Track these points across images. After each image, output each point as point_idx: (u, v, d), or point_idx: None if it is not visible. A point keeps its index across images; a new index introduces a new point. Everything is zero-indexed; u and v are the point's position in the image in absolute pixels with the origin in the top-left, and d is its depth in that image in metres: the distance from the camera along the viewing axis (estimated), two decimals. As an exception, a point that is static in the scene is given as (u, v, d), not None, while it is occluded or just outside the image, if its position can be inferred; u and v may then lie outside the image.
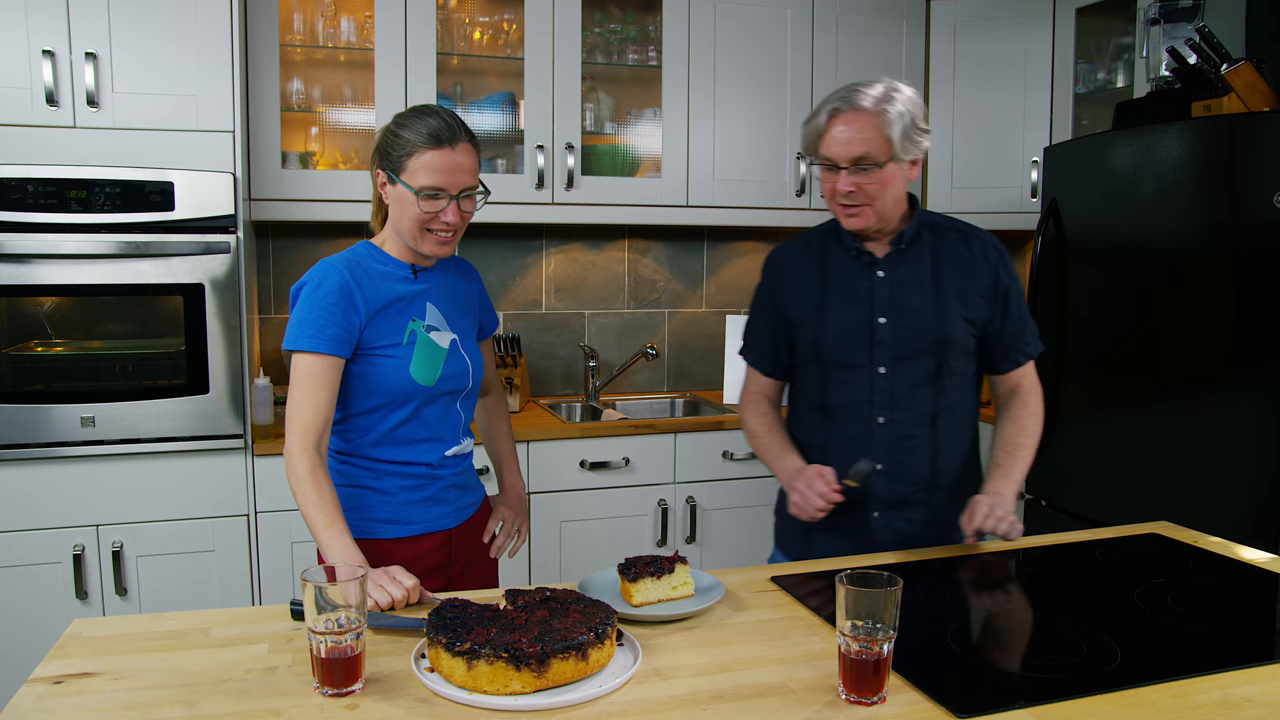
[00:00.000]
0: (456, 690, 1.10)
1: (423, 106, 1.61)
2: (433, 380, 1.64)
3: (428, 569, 1.65)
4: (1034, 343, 1.79)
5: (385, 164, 1.60)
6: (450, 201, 1.57)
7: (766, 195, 3.26)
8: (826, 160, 1.65)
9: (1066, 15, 3.18)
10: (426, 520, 1.68)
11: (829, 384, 1.75)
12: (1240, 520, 2.28)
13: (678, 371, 3.63)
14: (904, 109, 1.61)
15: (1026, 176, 3.28)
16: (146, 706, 1.08)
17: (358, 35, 2.96)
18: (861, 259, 1.74)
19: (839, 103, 1.63)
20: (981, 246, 1.75)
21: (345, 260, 1.62)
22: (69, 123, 2.41)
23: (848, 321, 1.72)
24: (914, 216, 1.74)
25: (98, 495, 2.47)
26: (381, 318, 1.61)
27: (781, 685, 1.14)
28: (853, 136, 1.61)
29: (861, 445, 1.72)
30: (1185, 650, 1.25)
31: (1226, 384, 2.35)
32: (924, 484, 1.72)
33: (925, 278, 1.72)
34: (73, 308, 2.45)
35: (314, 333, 1.55)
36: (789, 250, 1.85)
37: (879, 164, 1.61)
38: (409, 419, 1.64)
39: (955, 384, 1.73)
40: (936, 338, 1.69)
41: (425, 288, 1.68)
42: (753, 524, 3.06)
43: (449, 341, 1.68)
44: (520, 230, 3.35)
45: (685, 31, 3.12)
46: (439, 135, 1.55)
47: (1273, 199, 2.22)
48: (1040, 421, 1.78)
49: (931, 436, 1.72)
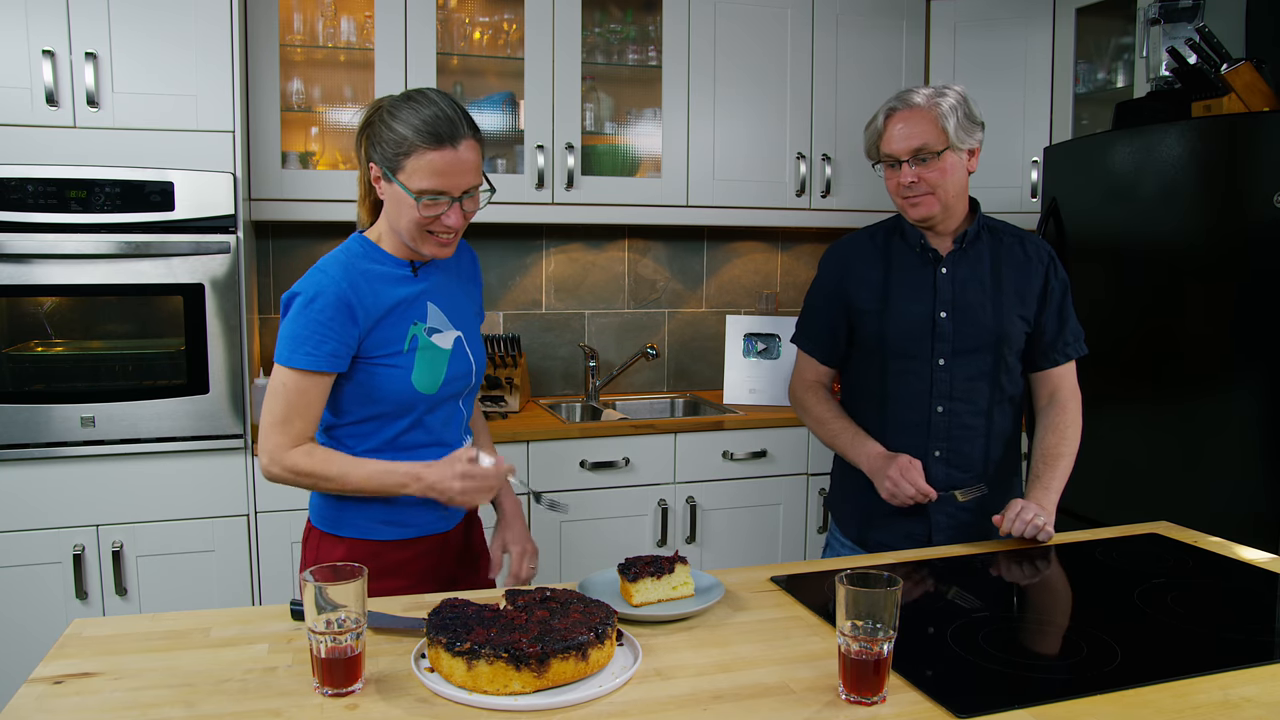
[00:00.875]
0: (456, 690, 1.10)
1: (418, 93, 1.47)
2: (435, 387, 1.56)
3: (422, 571, 1.63)
4: (1075, 344, 1.87)
5: (379, 158, 1.47)
6: (453, 204, 1.47)
7: (766, 195, 3.26)
8: (889, 157, 1.78)
9: (1066, 15, 3.18)
10: (423, 524, 1.62)
11: (889, 374, 1.84)
12: (1240, 520, 2.28)
13: (678, 371, 3.63)
14: (955, 102, 1.75)
15: (1026, 176, 3.28)
16: (146, 706, 1.08)
17: (358, 35, 2.96)
18: (926, 255, 1.83)
19: (894, 103, 1.77)
20: (1035, 249, 1.85)
21: (341, 265, 1.51)
22: (69, 123, 2.41)
23: (911, 314, 1.82)
24: (975, 218, 1.84)
25: (98, 495, 2.47)
26: (382, 325, 1.52)
27: (781, 685, 1.14)
28: (910, 131, 1.74)
29: (920, 433, 1.82)
30: (1185, 650, 1.25)
31: (1226, 384, 2.35)
32: (977, 471, 1.83)
33: (985, 276, 1.81)
34: (73, 308, 2.45)
35: (310, 349, 1.45)
36: (852, 243, 1.93)
37: (937, 153, 1.73)
38: (411, 427, 1.57)
39: (1010, 379, 1.84)
40: (995, 333, 1.79)
41: (425, 286, 1.58)
42: (753, 524, 3.06)
43: (452, 341, 1.60)
44: (520, 230, 3.35)
45: (685, 31, 3.12)
46: (439, 133, 1.42)
47: (1273, 199, 2.22)
48: (1079, 429, 1.85)
49: (986, 427, 1.83)
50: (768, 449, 3.02)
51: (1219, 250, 2.35)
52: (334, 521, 1.60)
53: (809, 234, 3.69)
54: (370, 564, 1.54)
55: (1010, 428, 1.87)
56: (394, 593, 1.52)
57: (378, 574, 1.54)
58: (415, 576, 1.61)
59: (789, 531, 3.09)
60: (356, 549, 1.57)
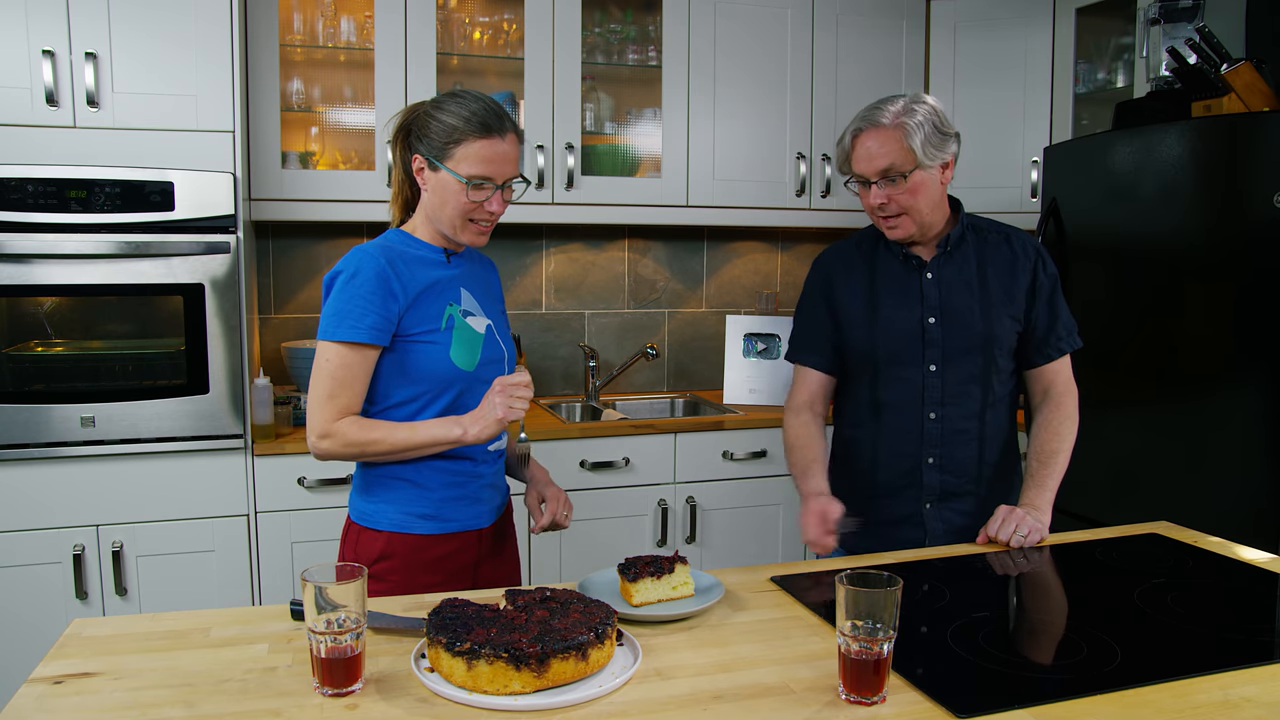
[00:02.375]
0: (456, 690, 1.10)
1: (462, 91, 1.59)
2: (473, 365, 1.61)
3: (457, 568, 1.65)
4: (1068, 338, 1.84)
5: (426, 149, 1.56)
6: (496, 191, 1.56)
7: (766, 195, 3.26)
8: (859, 177, 1.75)
9: (1066, 15, 3.18)
10: (462, 519, 1.66)
11: (881, 382, 1.82)
12: (1240, 520, 2.28)
13: (678, 371, 3.63)
14: (923, 118, 1.69)
15: (1026, 176, 3.28)
16: (146, 706, 1.08)
17: (358, 35, 2.96)
18: (910, 262, 1.81)
19: (860, 123, 1.74)
20: (1022, 245, 1.83)
21: (380, 247, 1.58)
22: (69, 123, 2.41)
23: (899, 322, 1.80)
24: (958, 220, 1.82)
25: (98, 495, 2.47)
26: (420, 303, 1.58)
27: (781, 685, 1.14)
28: (876, 152, 1.70)
29: (914, 440, 1.80)
30: (1185, 650, 1.25)
31: (1226, 384, 2.35)
32: (972, 475, 1.81)
33: (972, 279, 1.80)
34: (73, 308, 2.45)
35: (353, 321, 1.51)
36: (838, 254, 1.91)
37: (905, 174, 1.69)
38: (450, 407, 1.60)
39: (1001, 379, 1.82)
40: (984, 336, 1.78)
41: (458, 273, 1.66)
42: (753, 524, 3.06)
43: (484, 327, 1.65)
44: (520, 230, 3.35)
45: (685, 31, 3.12)
46: (488, 123, 1.53)
47: (1273, 199, 2.22)
48: (1075, 424, 1.84)
49: (979, 430, 1.81)
50: (768, 449, 3.02)
51: (1219, 250, 2.35)
52: (372, 517, 1.63)
53: (809, 234, 3.69)
54: (408, 558, 1.58)
55: (1005, 430, 1.85)
56: (430, 589, 1.55)
57: (414, 569, 1.60)
58: (448, 573, 1.64)
59: (789, 531, 3.09)
60: (394, 543, 1.61)
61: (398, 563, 1.61)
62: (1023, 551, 1.67)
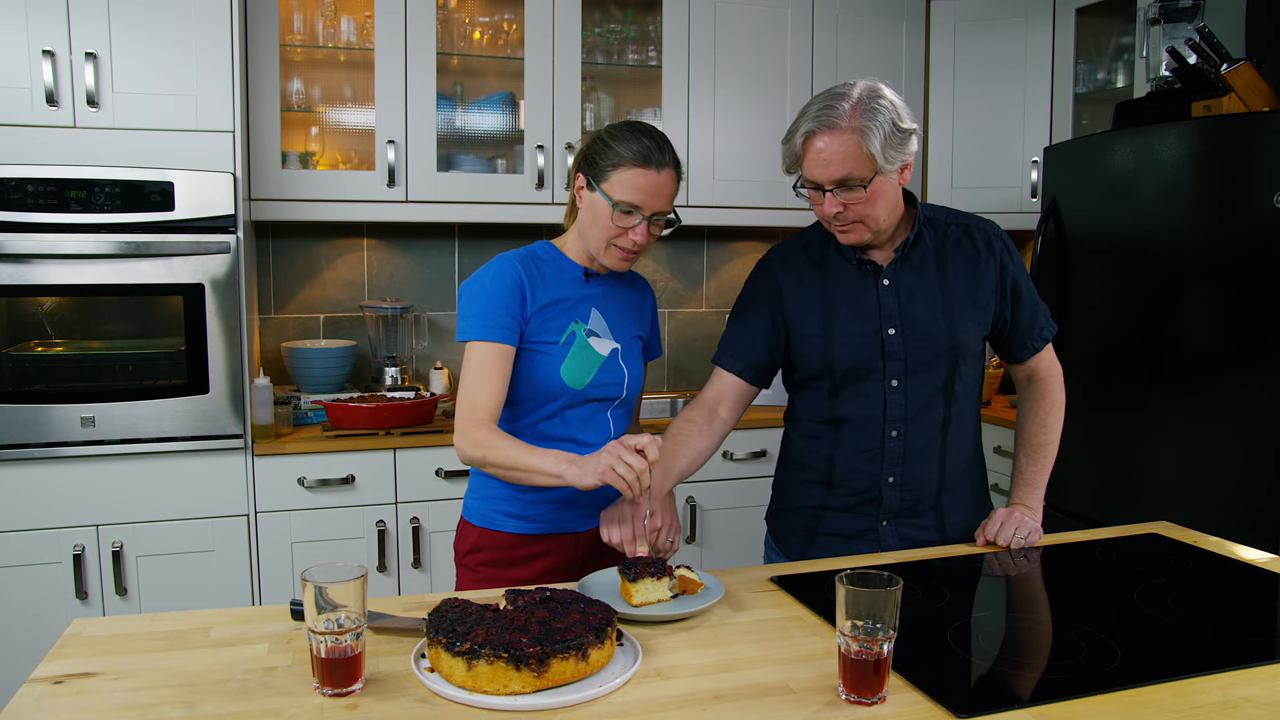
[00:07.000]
0: (456, 690, 1.10)
1: (637, 124, 1.62)
2: (582, 384, 1.64)
3: (552, 567, 1.67)
4: (1048, 325, 1.75)
5: (588, 169, 1.62)
6: (642, 221, 1.58)
7: (766, 195, 3.26)
8: (811, 182, 1.57)
9: (1066, 15, 3.19)
10: (555, 520, 1.67)
11: (840, 397, 1.69)
12: (1240, 520, 2.28)
13: (678, 371, 3.63)
14: (883, 118, 1.50)
15: (1026, 176, 3.28)
16: (146, 706, 1.08)
17: (358, 35, 2.96)
18: (864, 268, 1.67)
19: (812, 123, 1.53)
20: (985, 239, 1.69)
21: (520, 255, 1.66)
22: (69, 123, 2.41)
23: (856, 334, 1.65)
24: (914, 218, 1.68)
25: (98, 495, 2.47)
26: (546, 314, 1.63)
27: (781, 685, 1.14)
28: (830, 158, 1.52)
29: (874, 459, 1.68)
30: (1185, 650, 1.25)
31: (1226, 384, 2.34)
32: (932, 491, 1.70)
33: (932, 283, 1.66)
34: (73, 308, 2.45)
35: (488, 322, 1.58)
36: (786, 257, 1.75)
37: (864, 183, 1.53)
38: (551, 417, 1.65)
39: (964, 387, 1.69)
40: (948, 345, 1.65)
41: (594, 292, 1.69)
42: (753, 524, 3.05)
43: (609, 350, 1.68)
44: (520, 230, 3.34)
45: (685, 31, 3.12)
46: (648, 156, 1.57)
47: (1273, 199, 2.22)
48: (1061, 409, 1.76)
49: (942, 445, 1.69)
50: (768, 449, 3.02)
51: (1219, 250, 2.35)
52: (470, 509, 1.72)
53: (809, 234, 3.69)
54: (500, 554, 1.65)
55: (970, 441, 1.74)
56: (517, 583, 1.60)
57: (504, 564, 1.66)
58: (538, 572, 1.67)
59: (789, 531, 3.08)
60: (484, 537, 1.68)
61: (487, 556, 1.68)
62: (1023, 551, 1.67)
